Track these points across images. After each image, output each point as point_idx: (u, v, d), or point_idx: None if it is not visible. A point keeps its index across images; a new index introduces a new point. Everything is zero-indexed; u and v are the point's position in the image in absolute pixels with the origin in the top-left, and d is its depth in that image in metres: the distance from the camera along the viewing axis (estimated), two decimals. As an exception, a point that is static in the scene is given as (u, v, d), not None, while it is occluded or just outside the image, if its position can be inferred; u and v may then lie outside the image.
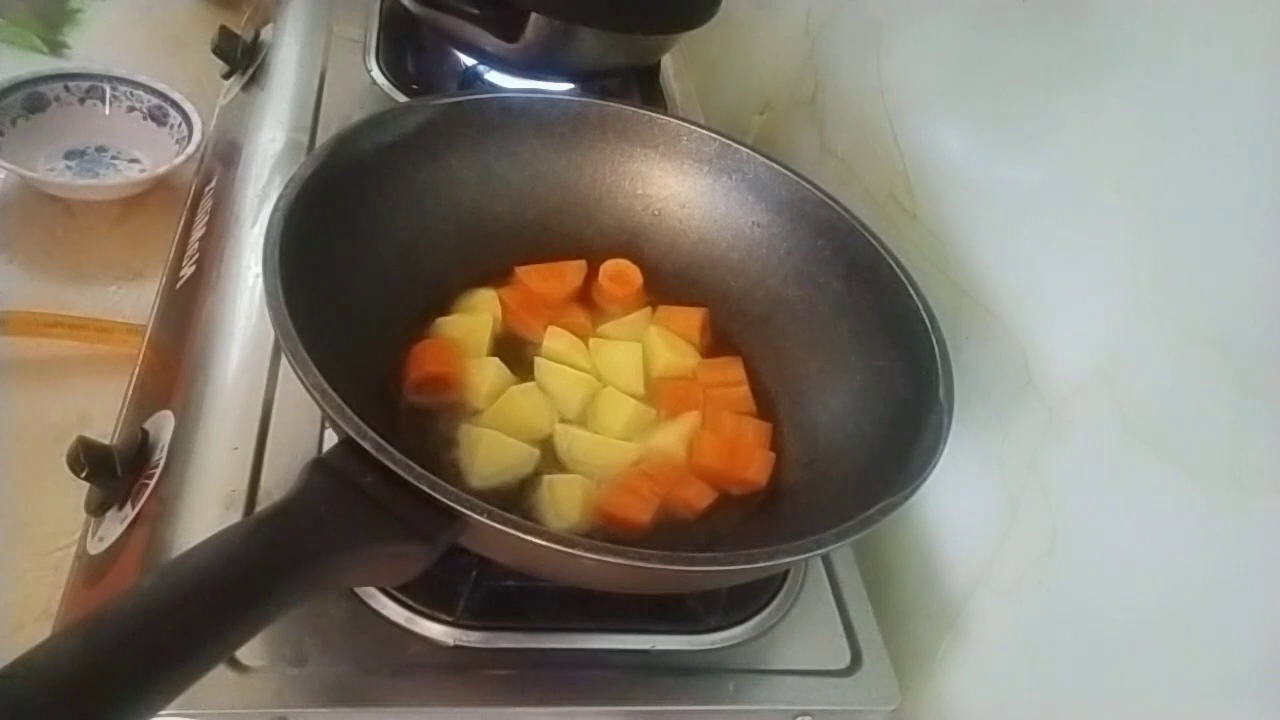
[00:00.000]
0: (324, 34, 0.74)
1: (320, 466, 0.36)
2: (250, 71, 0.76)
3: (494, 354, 0.52)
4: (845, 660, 0.48)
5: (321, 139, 0.59)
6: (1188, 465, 0.40)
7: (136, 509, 0.45)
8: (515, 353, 0.53)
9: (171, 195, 0.78)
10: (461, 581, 0.43)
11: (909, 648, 0.54)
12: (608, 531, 0.47)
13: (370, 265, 0.50)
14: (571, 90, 0.70)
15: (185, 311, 0.57)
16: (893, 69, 0.64)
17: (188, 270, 0.61)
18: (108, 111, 0.84)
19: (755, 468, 0.51)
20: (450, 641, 0.43)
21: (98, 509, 0.48)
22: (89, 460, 0.46)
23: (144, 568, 0.42)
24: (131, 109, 0.84)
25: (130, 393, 0.57)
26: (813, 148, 0.72)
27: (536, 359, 0.53)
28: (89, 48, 0.94)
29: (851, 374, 0.52)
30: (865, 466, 0.48)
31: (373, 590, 0.43)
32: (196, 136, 0.81)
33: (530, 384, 0.51)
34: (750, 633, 0.47)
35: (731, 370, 0.55)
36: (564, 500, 0.46)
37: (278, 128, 0.65)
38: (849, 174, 0.67)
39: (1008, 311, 0.51)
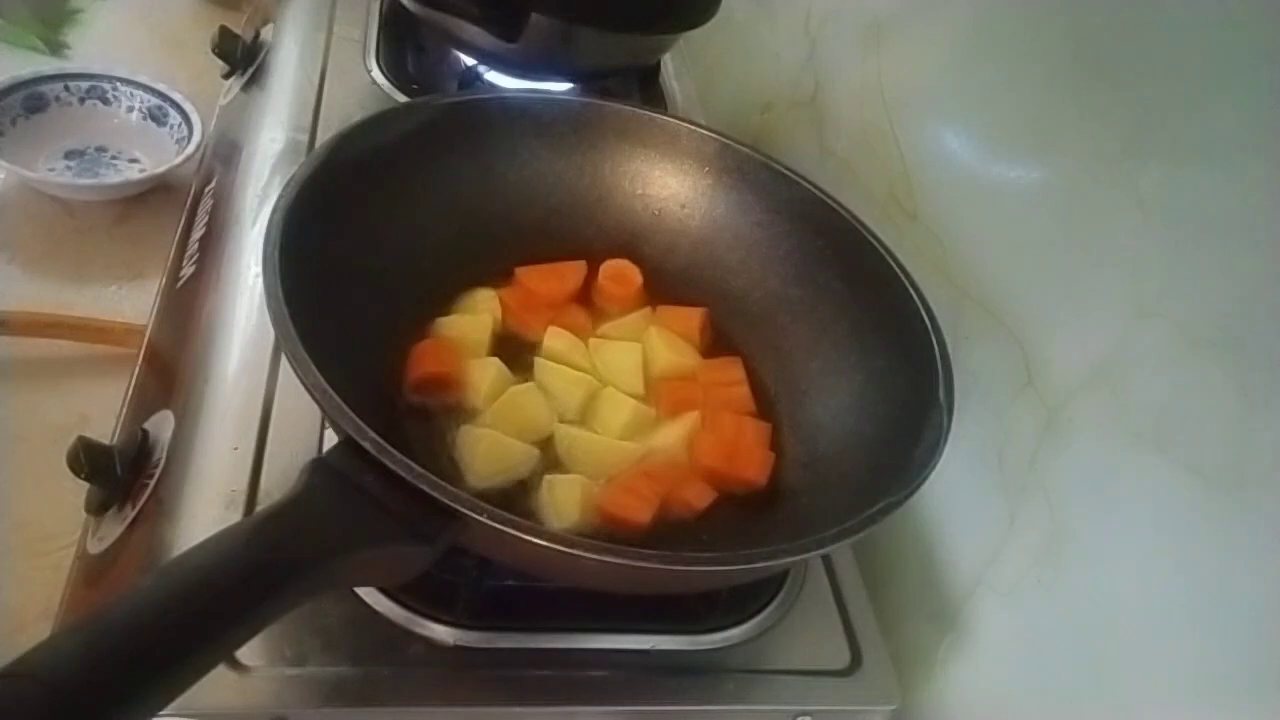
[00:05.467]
0: (324, 34, 0.74)
1: (320, 466, 0.36)
2: (250, 71, 0.76)
3: (494, 354, 0.52)
4: (845, 660, 0.48)
5: (321, 139, 0.59)
6: (1188, 465, 0.40)
7: (136, 509, 0.45)
8: (515, 353, 0.53)
9: (171, 195, 0.78)
10: (461, 581, 0.43)
11: (909, 648, 0.54)
12: (608, 531, 0.47)
13: (370, 265, 0.50)
14: (571, 90, 0.70)
15: (185, 311, 0.57)
16: (893, 69, 0.64)
17: (188, 270, 0.61)
18: (108, 111, 0.84)
19: (755, 468, 0.51)
20: (450, 641, 0.43)
21: (98, 509, 0.48)
22: (89, 460, 0.46)
23: (144, 568, 0.42)
24: (131, 109, 0.84)
25: (130, 393, 0.57)
26: (813, 148, 0.72)
27: (536, 359, 0.53)
28: (89, 48, 0.94)
29: (851, 374, 0.52)
30: (865, 466, 0.48)
31: (373, 590, 0.43)
32: (196, 136, 0.81)
33: (530, 384, 0.51)
34: (750, 633, 0.47)
35: (731, 370, 0.55)
36: (564, 500, 0.46)
37: (278, 128, 0.65)
38: (849, 174, 0.67)
39: (1008, 311, 0.51)
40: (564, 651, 0.44)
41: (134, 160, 0.82)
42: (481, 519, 0.34)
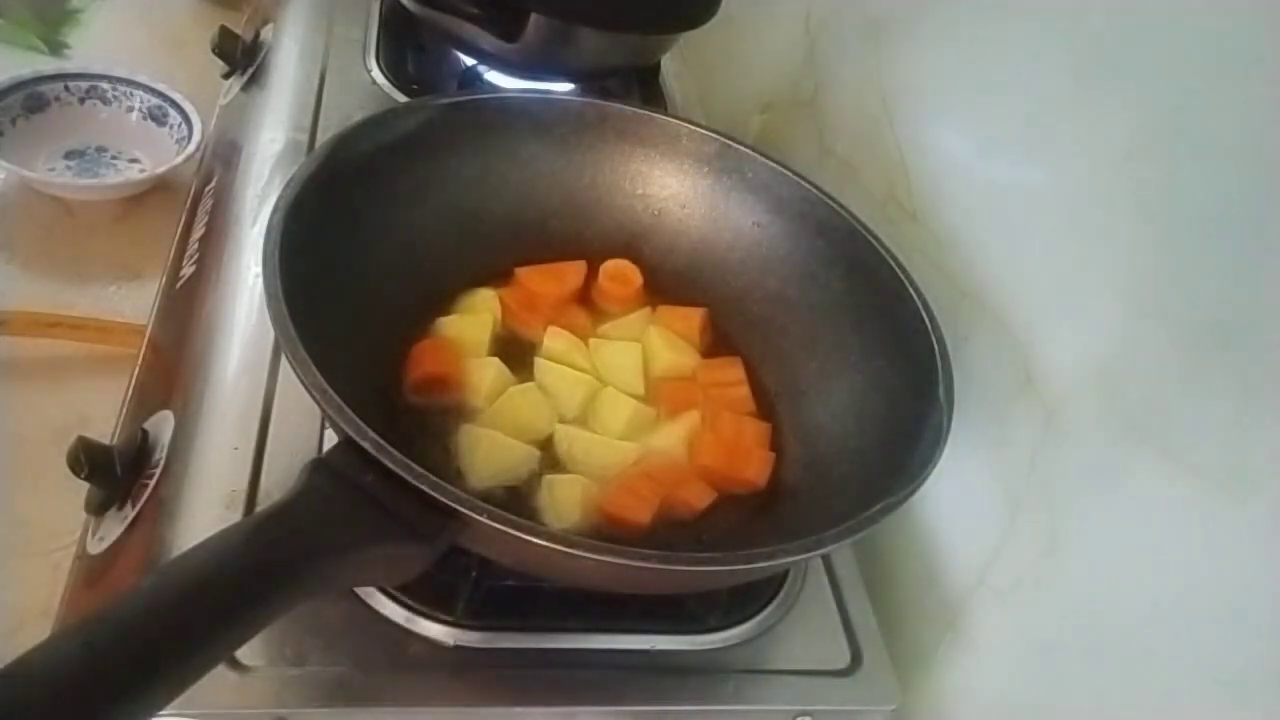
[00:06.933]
0: (324, 34, 0.74)
1: (320, 466, 0.36)
2: (250, 71, 0.76)
3: (494, 354, 0.52)
4: (845, 660, 0.48)
5: (321, 139, 0.59)
6: (1188, 465, 0.40)
7: (136, 509, 0.45)
8: (515, 353, 0.53)
9: (171, 195, 0.78)
10: (461, 581, 0.43)
11: (909, 648, 0.54)
12: (608, 531, 0.47)
13: (370, 265, 0.50)
14: (571, 90, 0.70)
15: (185, 311, 0.57)
16: (893, 69, 0.64)
17: (188, 270, 0.61)
18: (108, 111, 0.84)
19: (755, 468, 0.51)
20: (450, 641, 0.43)
21: (98, 509, 0.48)
22: (89, 460, 0.46)
23: (144, 568, 0.42)
24: (131, 109, 0.84)
25: (130, 393, 0.57)
26: (813, 148, 0.72)
27: (536, 359, 0.53)
28: (89, 48, 0.94)
29: (851, 374, 0.52)
30: (865, 466, 0.48)
31: (373, 590, 0.43)
32: (196, 136, 0.81)
33: (530, 384, 0.51)
34: (750, 633, 0.47)
35: (731, 370, 0.55)
36: (564, 500, 0.46)
37: (278, 128, 0.65)
38: (849, 174, 0.67)
39: (1008, 311, 0.51)
40: (564, 651, 0.44)
41: (134, 160, 0.82)
42: (482, 519, 0.34)
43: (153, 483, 0.46)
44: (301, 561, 0.33)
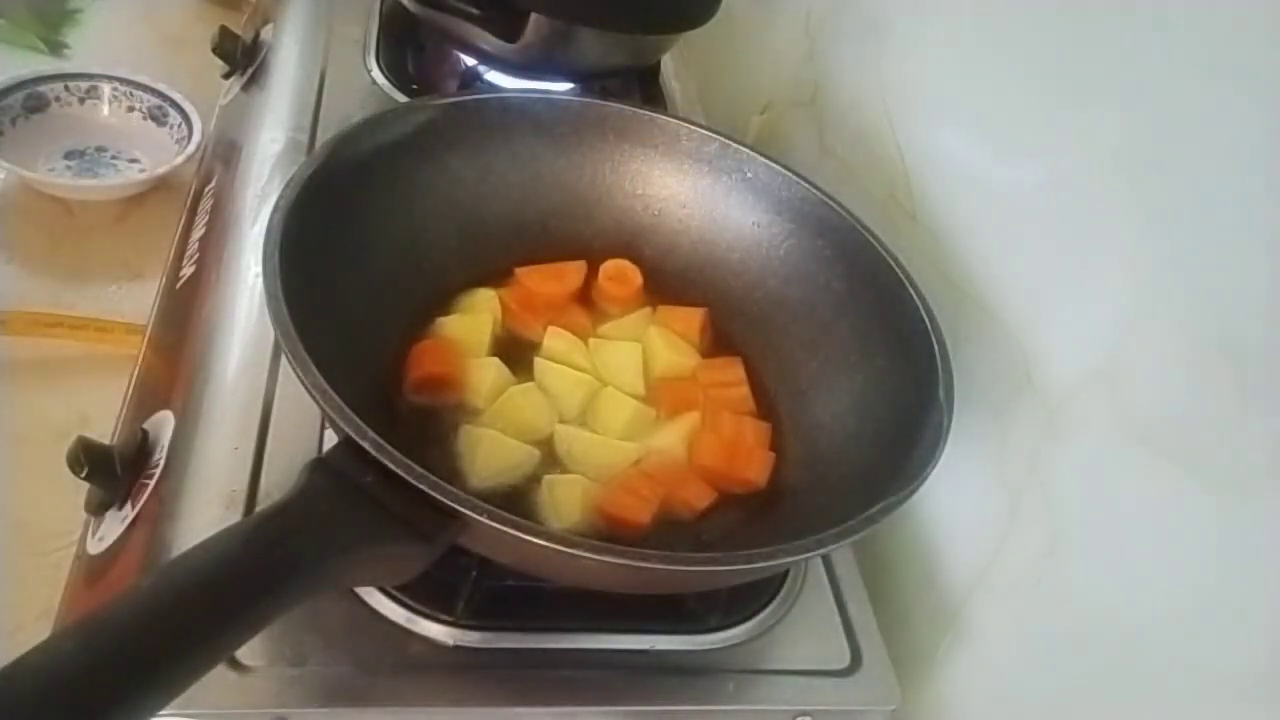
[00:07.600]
0: (324, 34, 0.74)
1: (320, 466, 0.36)
2: (250, 71, 0.76)
3: (494, 354, 0.52)
4: (845, 660, 0.48)
5: (321, 139, 0.59)
6: (1188, 465, 0.40)
7: (136, 509, 0.45)
8: (515, 353, 0.53)
9: (171, 195, 0.78)
10: (461, 581, 0.43)
11: (909, 648, 0.54)
12: (608, 532, 0.47)
13: (370, 265, 0.50)
14: (571, 90, 0.70)
15: (185, 311, 0.57)
16: (893, 69, 0.64)
17: (188, 270, 0.61)
18: (108, 111, 0.84)
19: (755, 468, 0.51)
20: (450, 641, 0.43)
21: (98, 509, 0.48)
22: (89, 460, 0.46)
23: (144, 568, 0.42)
24: (131, 109, 0.84)
25: (130, 393, 0.57)
26: (813, 148, 0.72)
27: (536, 359, 0.53)
28: (89, 48, 0.94)
29: (851, 374, 0.52)
30: (865, 466, 0.48)
31: (373, 590, 0.43)
32: (196, 136, 0.81)
33: (530, 384, 0.51)
34: (750, 633, 0.47)
35: (731, 370, 0.55)
36: (564, 500, 0.46)
37: (278, 128, 0.65)
38: (849, 174, 0.67)
39: (1008, 311, 0.51)
40: (564, 651, 0.44)
41: (134, 160, 0.82)
42: (482, 519, 0.34)
43: (153, 483, 0.46)
44: (301, 561, 0.33)
